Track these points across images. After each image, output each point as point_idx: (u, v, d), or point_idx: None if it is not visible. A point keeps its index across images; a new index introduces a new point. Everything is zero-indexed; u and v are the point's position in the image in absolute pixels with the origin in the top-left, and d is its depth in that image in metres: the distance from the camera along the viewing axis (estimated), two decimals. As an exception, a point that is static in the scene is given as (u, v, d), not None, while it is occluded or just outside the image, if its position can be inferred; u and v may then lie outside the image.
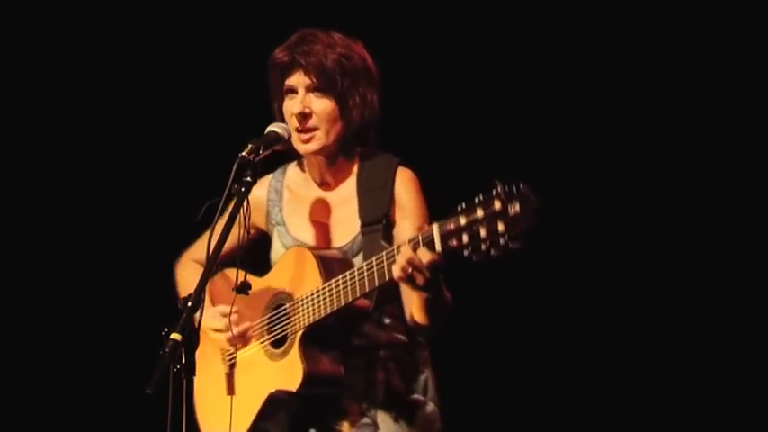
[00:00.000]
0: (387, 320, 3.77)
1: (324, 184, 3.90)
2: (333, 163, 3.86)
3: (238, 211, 3.56)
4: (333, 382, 3.66)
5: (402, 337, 3.78)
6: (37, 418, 5.68)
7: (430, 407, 3.79)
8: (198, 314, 3.31)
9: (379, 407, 3.73)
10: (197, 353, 3.29)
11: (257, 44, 3.95)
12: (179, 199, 4.13)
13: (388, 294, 3.70)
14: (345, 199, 3.85)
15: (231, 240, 3.74)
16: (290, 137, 3.73)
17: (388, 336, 3.77)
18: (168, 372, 3.21)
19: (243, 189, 3.55)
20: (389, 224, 3.73)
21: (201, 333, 3.35)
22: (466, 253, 3.20)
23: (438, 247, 3.28)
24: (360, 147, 3.87)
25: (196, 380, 3.26)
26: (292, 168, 3.97)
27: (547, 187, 3.25)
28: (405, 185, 3.78)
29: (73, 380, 5.66)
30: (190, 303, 3.32)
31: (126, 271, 5.56)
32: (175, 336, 3.23)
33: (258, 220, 3.90)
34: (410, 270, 3.33)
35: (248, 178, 3.56)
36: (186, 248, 4.07)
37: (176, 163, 5.50)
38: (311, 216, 3.88)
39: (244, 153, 3.58)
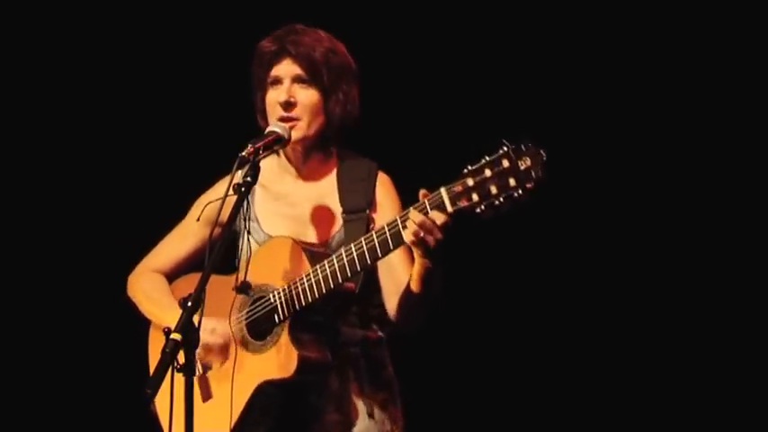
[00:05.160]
0: (358, 318, 3.79)
1: (300, 178, 3.90)
2: (310, 157, 3.87)
3: (238, 212, 3.56)
4: (323, 368, 3.67)
5: (373, 334, 3.82)
6: (36, 419, 5.68)
7: (396, 402, 3.84)
8: (198, 314, 3.31)
9: (353, 404, 3.75)
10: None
11: (253, 43, 3.95)
12: (179, 199, 4.12)
13: (370, 282, 3.74)
14: (324, 194, 3.86)
15: (197, 241, 3.78)
16: (290, 137, 3.73)
17: (360, 333, 3.80)
18: (168, 372, 3.20)
19: (243, 189, 3.55)
20: (370, 218, 3.77)
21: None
22: (478, 210, 3.28)
23: (449, 208, 3.33)
24: (337, 147, 3.89)
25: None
26: (264, 164, 3.84)
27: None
28: (384, 188, 3.85)
29: (72, 380, 5.66)
30: (190, 303, 3.31)
31: (125, 271, 5.56)
32: (175, 336, 3.23)
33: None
34: (422, 234, 3.36)
35: (248, 178, 3.56)
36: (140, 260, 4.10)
37: (176, 163, 5.50)
38: (287, 211, 3.89)
39: (244, 153, 3.58)
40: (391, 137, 5.06)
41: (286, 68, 3.81)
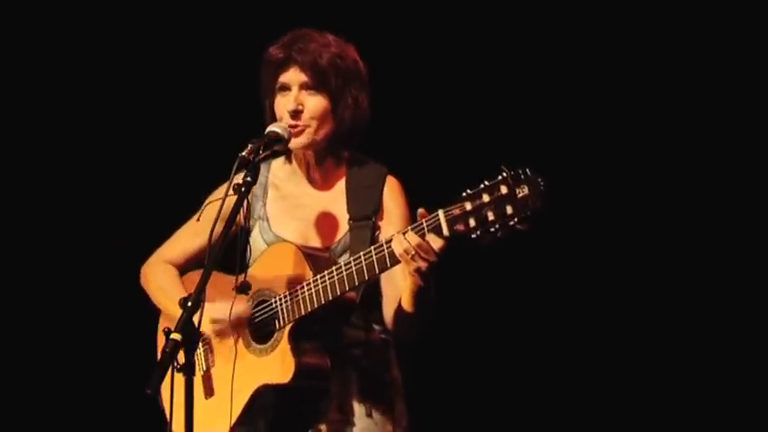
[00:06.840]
0: (362, 320, 3.80)
1: (311, 182, 3.92)
2: (321, 161, 3.89)
3: (238, 211, 3.56)
4: (321, 375, 3.69)
5: (377, 336, 3.83)
6: (37, 418, 5.68)
7: (400, 403, 3.84)
8: (198, 314, 3.31)
9: (354, 404, 3.77)
10: None
11: (256, 44, 3.95)
12: (179, 198, 4.12)
13: (371, 292, 3.75)
14: (333, 199, 3.88)
15: (206, 240, 3.67)
16: (289, 137, 3.74)
17: (364, 335, 3.81)
18: (168, 372, 3.21)
19: (243, 189, 3.55)
20: (375, 225, 3.78)
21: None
22: (474, 236, 3.28)
23: (446, 231, 3.33)
24: (348, 151, 3.90)
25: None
26: (277, 164, 3.98)
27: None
28: (392, 193, 3.84)
29: (73, 380, 5.66)
30: (190, 303, 3.32)
31: (126, 271, 5.56)
32: (175, 336, 3.24)
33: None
34: (414, 254, 3.38)
35: (248, 178, 3.56)
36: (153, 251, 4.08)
37: (176, 163, 5.50)
38: (296, 213, 3.91)
39: (244, 153, 3.59)
40: (402, 140, 5.06)
41: (293, 76, 3.81)
